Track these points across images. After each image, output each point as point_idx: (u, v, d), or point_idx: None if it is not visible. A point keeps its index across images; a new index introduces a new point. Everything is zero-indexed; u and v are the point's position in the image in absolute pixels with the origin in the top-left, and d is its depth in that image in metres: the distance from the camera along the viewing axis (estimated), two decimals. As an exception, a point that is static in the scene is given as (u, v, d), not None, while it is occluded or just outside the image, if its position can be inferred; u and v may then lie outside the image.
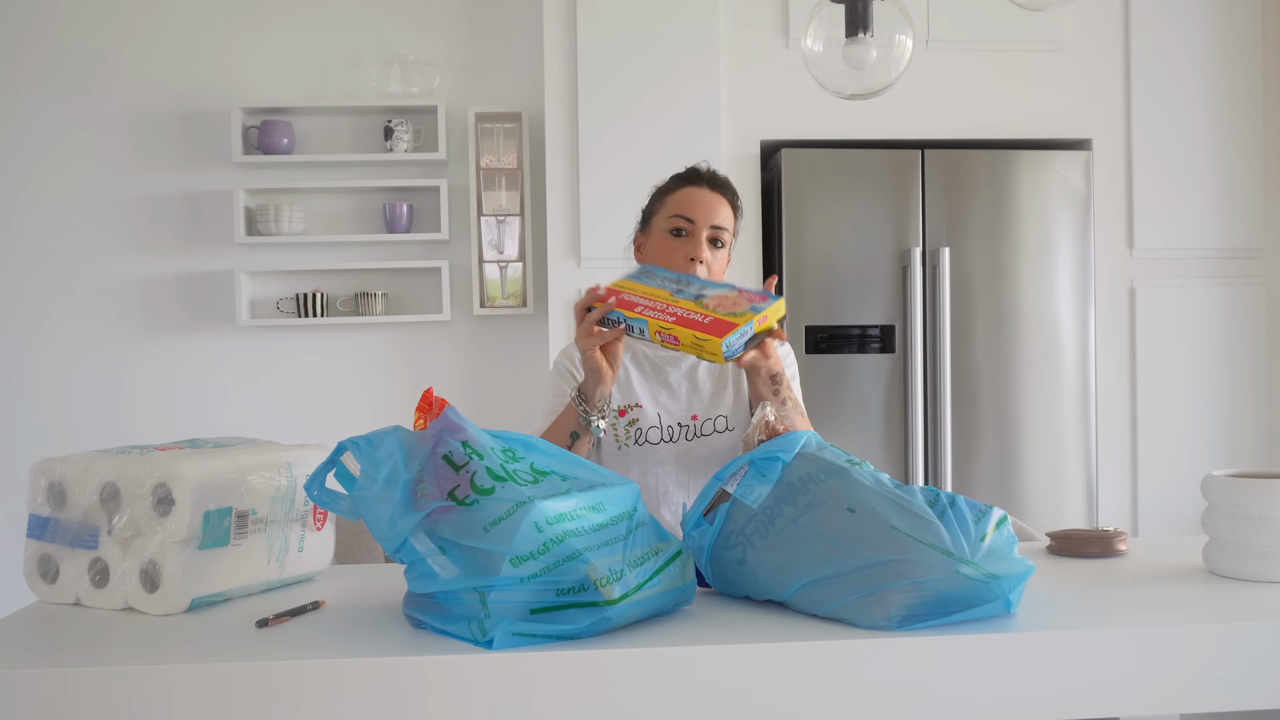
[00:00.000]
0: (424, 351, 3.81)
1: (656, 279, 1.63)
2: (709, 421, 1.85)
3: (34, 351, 3.73)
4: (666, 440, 1.83)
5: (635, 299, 1.58)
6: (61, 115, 3.72)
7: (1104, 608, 1.26)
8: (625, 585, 1.16)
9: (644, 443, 1.82)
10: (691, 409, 1.85)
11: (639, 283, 1.62)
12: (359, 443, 1.22)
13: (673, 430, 1.84)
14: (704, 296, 1.56)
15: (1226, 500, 1.39)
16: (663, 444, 1.83)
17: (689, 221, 1.78)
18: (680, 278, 1.63)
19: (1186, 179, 3.51)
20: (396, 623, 1.23)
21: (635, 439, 1.82)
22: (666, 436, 1.83)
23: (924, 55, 3.38)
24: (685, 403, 1.85)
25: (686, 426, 1.84)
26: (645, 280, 1.62)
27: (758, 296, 1.56)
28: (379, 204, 3.78)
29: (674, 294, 1.57)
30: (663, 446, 1.83)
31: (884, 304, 3.30)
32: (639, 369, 1.87)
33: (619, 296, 1.58)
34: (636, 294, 1.59)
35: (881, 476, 1.31)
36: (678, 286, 1.60)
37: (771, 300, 1.56)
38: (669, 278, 1.63)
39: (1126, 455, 3.52)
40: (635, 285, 1.62)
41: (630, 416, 1.82)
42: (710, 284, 1.61)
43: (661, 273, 1.65)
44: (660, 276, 1.64)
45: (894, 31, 1.76)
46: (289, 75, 3.76)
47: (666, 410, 1.84)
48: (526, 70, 3.77)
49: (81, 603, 1.35)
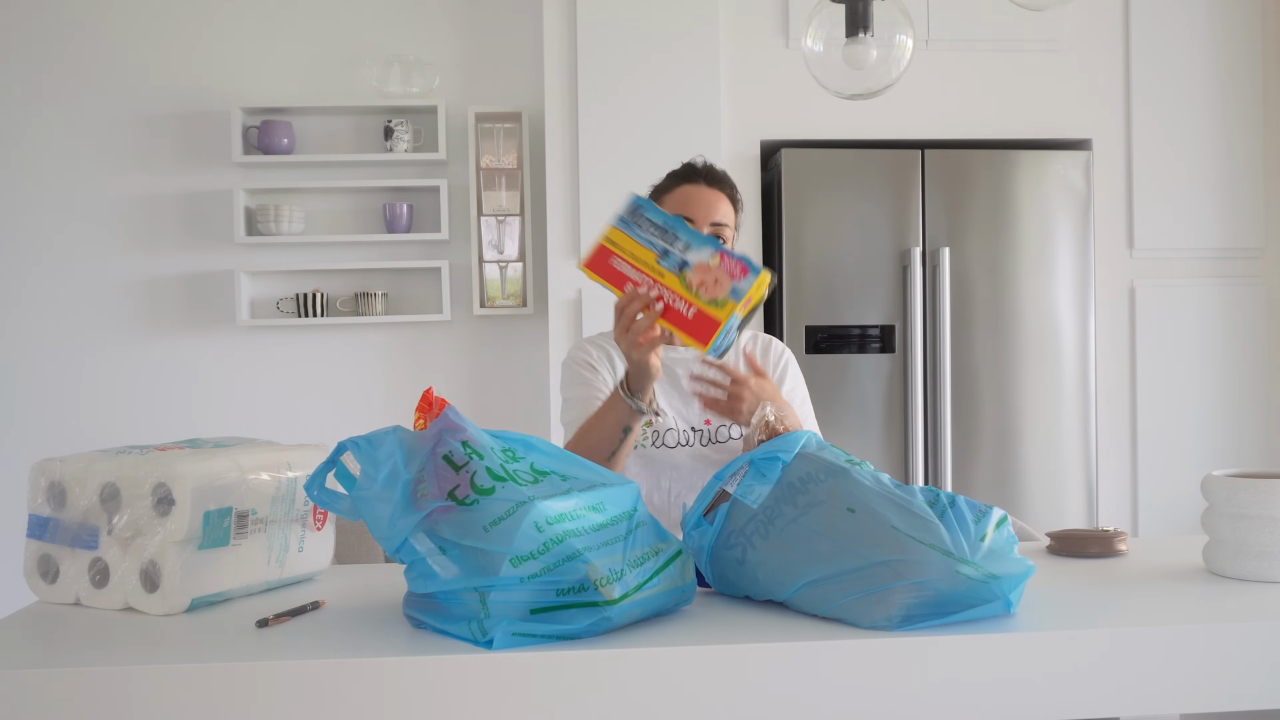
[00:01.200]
0: (424, 351, 3.81)
1: (646, 226, 1.56)
2: (723, 428, 1.84)
3: (34, 351, 3.73)
4: (683, 445, 1.82)
5: (624, 268, 1.55)
6: (62, 115, 3.72)
7: (1104, 608, 1.26)
8: (625, 585, 1.16)
9: (661, 445, 1.81)
10: (704, 413, 1.84)
11: (629, 236, 1.56)
12: (359, 443, 1.22)
13: (688, 435, 1.83)
14: (688, 265, 1.52)
15: (1226, 500, 1.39)
16: (679, 448, 1.82)
17: (689, 221, 1.78)
18: (667, 224, 1.56)
19: (1186, 179, 3.51)
20: (396, 623, 1.23)
21: (653, 441, 1.81)
22: (683, 441, 1.82)
23: (924, 55, 3.38)
24: (698, 407, 1.84)
25: (701, 432, 1.83)
26: (635, 232, 1.56)
27: (739, 269, 1.50)
28: (379, 204, 3.78)
29: (659, 258, 1.53)
30: (679, 451, 1.82)
31: (884, 304, 3.30)
32: None
33: (609, 264, 1.55)
34: (626, 259, 1.55)
35: (881, 476, 1.31)
36: (664, 243, 1.54)
37: (753, 275, 1.50)
38: (655, 225, 1.56)
39: (1126, 455, 3.52)
40: (625, 241, 1.57)
41: (646, 418, 1.81)
42: (695, 238, 1.54)
43: (650, 213, 1.58)
44: (649, 223, 1.57)
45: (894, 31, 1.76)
46: (289, 75, 3.76)
47: (681, 414, 1.83)
48: (526, 70, 3.77)
49: (81, 603, 1.34)
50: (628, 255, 1.55)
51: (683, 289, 1.50)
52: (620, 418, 1.67)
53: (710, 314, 1.48)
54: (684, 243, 1.54)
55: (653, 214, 1.57)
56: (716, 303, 1.49)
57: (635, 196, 1.61)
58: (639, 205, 1.59)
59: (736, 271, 1.50)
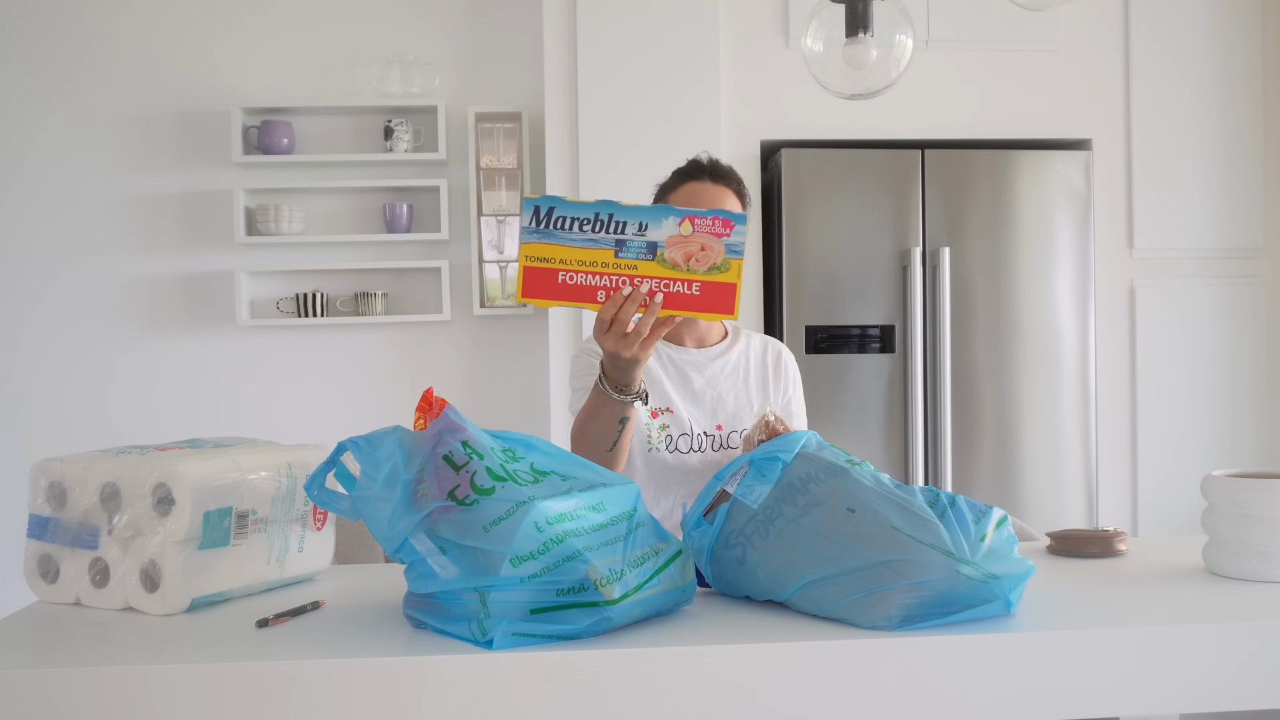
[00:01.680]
0: (424, 351, 3.81)
1: (570, 226, 1.35)
2: (735, 434, 1.84)
3: (34, 351, 3.73)
4: (696, 450, 1.81)
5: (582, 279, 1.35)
6: (62, 115, 3.72)
7: (1104, 608, 1.26)
8: (625, 585, 1.16)
9: (674, 450, 1.80)
10: (716, 418, 1.83)
11: (555, 244, 1.35)
12: (359, 443, 1.22)
13: (701, 440, 1.82)
14: (659, 246, 1.34)
15: (1226, 500, 1.39)
16: (692, 453, 1.81)
17: None
18: (596, 211, 1.35)
19: (1186, 179, 3.51)
20: (396, 623, 1.23)
21: (667, 444, 1.80)
22: (696, 446, 1.81)
23: (924, 55, 3.38)
24: (710, 411, 1.83)
25: (712, 436, 1.82)
26: (558, 238, 1.35)
27: (721, 224, 1.35)
28: (379, 204, 3.78)
29: (617, 252, 1.34)
30: (692, 456, 1.81)
31: (884, 304, 3.30)
32: (663, 368, 1.83)
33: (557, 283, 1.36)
34: (572, 269, 1.35)
35: (881, 476, 1.31)
36: (612, 235, 1.34)
37: (739, 222, 1.36)
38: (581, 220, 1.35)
39: (1126, 455, 3.52)
40: (557, 251, 1.35)
41: (662, 420, 1.79)
42: (644, 214, 1.35)
43: (561, 208, 1.35)
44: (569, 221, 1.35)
45: (894, 31, 1.76)
46: (289, 75, 3.76)
47: (694, 419, 1.82)
48: (526, 70, 3.77)
49: (81, 603, 1.34)
50: (573, 265, 1.36)
51: (669, 271, 1.34)
52: (613, 411, 1.60)
53: (719, 281, 1.35)
54: (636, 224, 1.35)
55: (565, 209, 1.36)
56: (718, 268, 1.35)
57: (528, 199, 1.39)
58: (540, 206, 1.37)
59: (719, 228, 1.35)
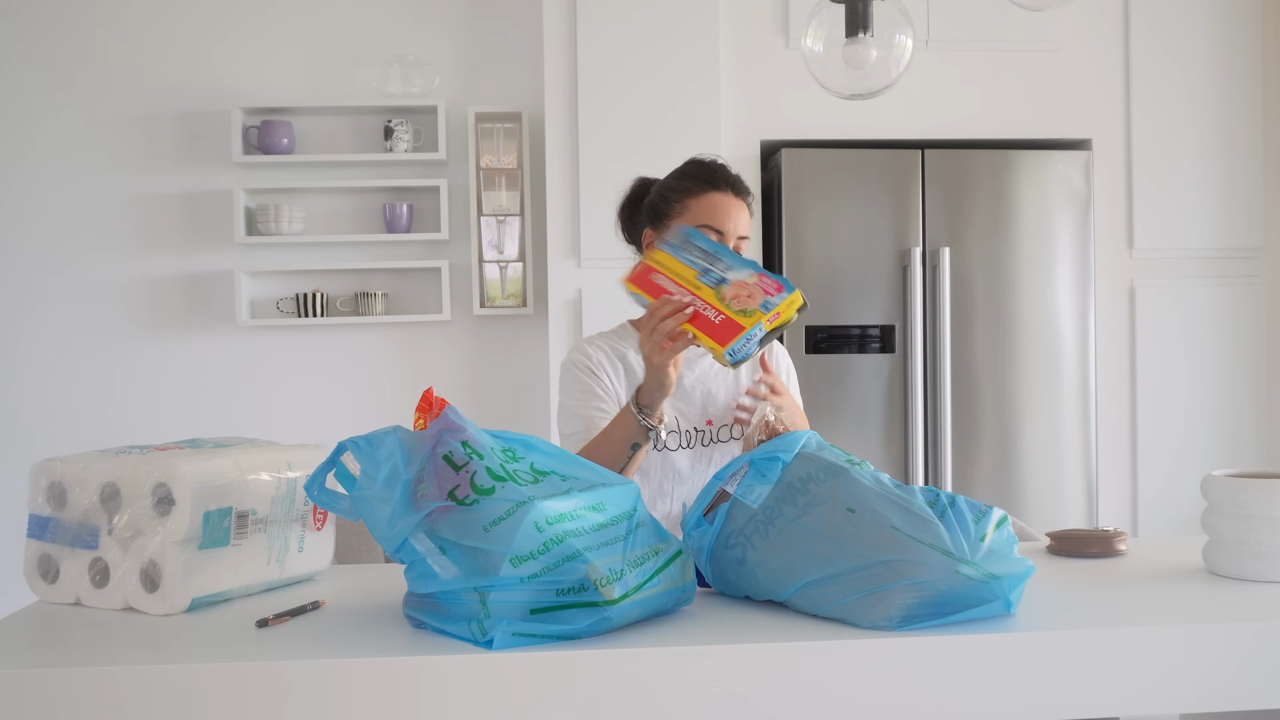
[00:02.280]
0: (424, 351, 3.81)
1: (693, 250, 1.65)
2: (726, 428, 1.84)
3: (34, 351, 3.73)
4: (684, 446, 1.81)
5: (663, 282, 1.61)
6: (62, 115, 3.72)
7: (1104, 608, 1.26)
8: (625, 585, 1.16)
9: (662, 448, 1.81)
10: (706, 414, 1.83)
11: (674, 257, 1.64)
12: (359, 443, 1.22)
13: (689, 436, 1.82)
14: (725, 282, 1.58)
15: (1226, 500, 1.39)
16: (680, 450, 1.81)
17: (718, 233, 1.76)
18: (713, 249, 1.64)
19: (1186, 179, 3.51)
20: (396, 623, 1.23)
21: (654, 443, 1.79)
22: (684, 443, 1.81)
23: (924, 55, 3.38)
24: (700, 407, 1.83)
25: (702, 432, 1.82)
26: (681, 254, 1.64)
27: (774, 286, 1.56)
28: (379, 204, 3.78)
29: (699, 275, 1.60)
30: (680, 453, 1.81)
31: (884, 304, 3.30)
32: None
33: (650, 279, 1.62)
34: (666, 275, 1.62)
35: (881, 476, 1.31)
36: (706, 263, 1.62)
37: (787, 293, 1.55)
38: (701, 250, 1.65)
39: (1126, 455, 3.52)
40: (669, 260, 1.64)
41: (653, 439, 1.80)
42: (738, 261, 1.62)
43: (699, 240, 1.66)
44: (696, 248, 1.65)
45: (894, 31, 1.76)
46: (289, 75, 3.76)
47: (683, 415, 1.82)
48: (526, 70, 3.77)
49: (81, 603, 1.34)
50: (669, 272, 1.63)
51: (716, 300, 1.56)
52: (629, 434, 1.67)
53: (736, 320, 1.53)
54: (726, 264, 1.62)
55: (701, 241, 1.65)
56: (745, 312, 1.53)
57: (687, 228, 1.70)
58: (690, 235, 1.68)
59: (771, 288, 1.56)
